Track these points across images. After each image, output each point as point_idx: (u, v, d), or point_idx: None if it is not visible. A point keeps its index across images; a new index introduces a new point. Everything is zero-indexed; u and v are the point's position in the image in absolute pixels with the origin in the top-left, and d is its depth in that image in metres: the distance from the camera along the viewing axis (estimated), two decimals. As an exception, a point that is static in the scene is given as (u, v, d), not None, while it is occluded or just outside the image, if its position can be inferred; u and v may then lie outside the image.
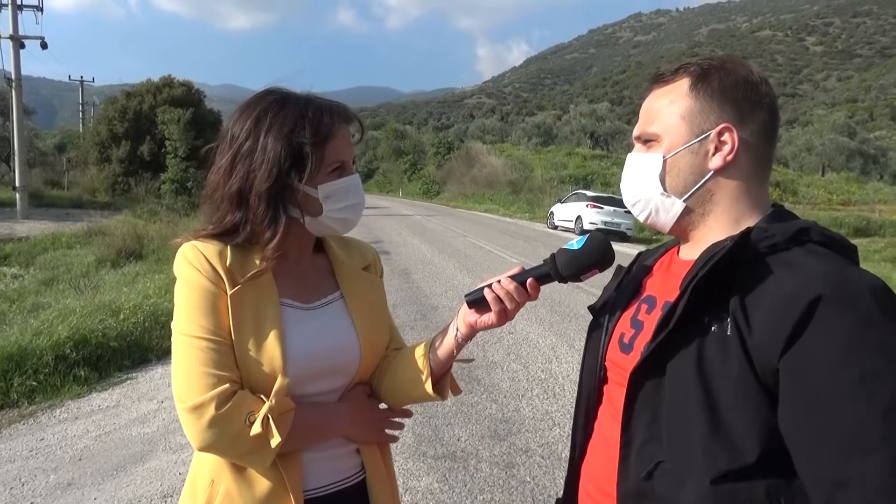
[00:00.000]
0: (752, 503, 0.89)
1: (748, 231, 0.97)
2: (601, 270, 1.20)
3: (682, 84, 1.07)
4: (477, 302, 1.24)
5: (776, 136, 1.08)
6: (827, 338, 0.85)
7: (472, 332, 1.28)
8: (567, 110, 79.11)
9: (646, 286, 1.19)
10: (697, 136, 1.05)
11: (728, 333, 0.92)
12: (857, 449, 0.82)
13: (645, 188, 1.10)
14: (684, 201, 1.07)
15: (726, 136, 1.03)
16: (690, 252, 1.11)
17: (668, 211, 1.09)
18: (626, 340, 1.13)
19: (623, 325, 1.16)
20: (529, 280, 1.21)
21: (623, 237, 20.34)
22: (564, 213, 23.17)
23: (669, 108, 1.07)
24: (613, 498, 1.04)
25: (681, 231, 1.12)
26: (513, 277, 1.22)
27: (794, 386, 0.87)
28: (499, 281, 1.22)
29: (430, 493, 3.54)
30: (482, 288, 1.23)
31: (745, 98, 1.04)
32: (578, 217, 21.63)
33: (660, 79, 1.11)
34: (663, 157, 1.07)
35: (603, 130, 59.38)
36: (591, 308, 1.31)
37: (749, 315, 0.91)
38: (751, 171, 1.06)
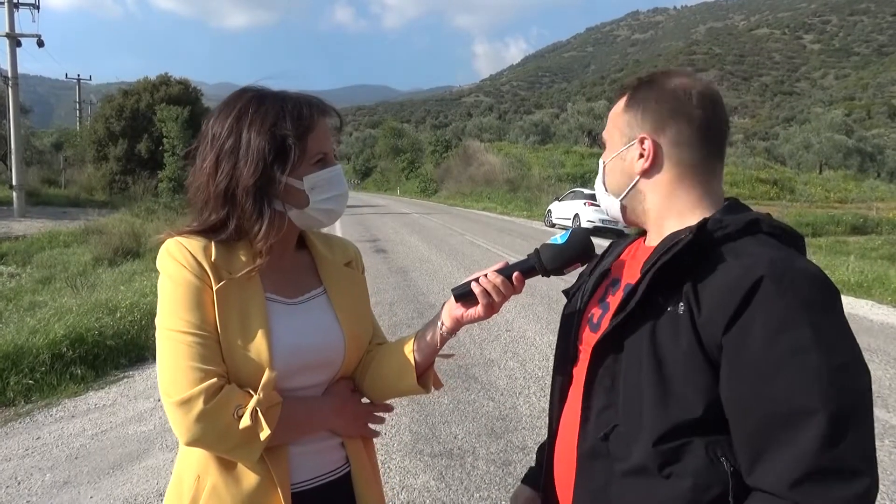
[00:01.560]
0: (692, 456, 0.99)
1: (705, 222, 1.07)
2: (583, 264, 1.27)
3: (622, 99, 1.23)
4: (464, 296, 1.27)
5: (703, 144, 1.16)
6: (764, 315, 0.95)
7: (458, 325, 1.31)
8: (565, 108, 79.10)
9: (613, 271, 1.30)
10: (625, 145, 1.20)
11: (680, 313, 1.03)
12: (783, 417, 0.92)
13: (598, 186, 1.30)
14: (620, 200, 1.23)
15: (646, 144, 1.16)
16: (651, 240, 1.23)
17: (611, 207, 1.26)
18: (594, 320, 1.23)
19: (592, 307, 1.27)
20: (515, 274, 1.25)
21: (620, 234, 20.31)
22: (562, 211, 23.17)
23: (611, 120, 1.24)
24: (572, 464, 1.15)
25: (634, 223, 1.26)
26: (499, 271, 1.25)
27: (733, 357, 0.97)
28: (486, 275, 1.26)
29: (427, 491, 3.54)
30: (469, 282, 1.27)
31: (662, 110, 1.16)
32: (576, 215, 21.63)
33: (620, 90, 1.26)
34: (603, 161, 1.26)
35: (600, 129, 58.43)
36: (565, 292, 1.41)
37: (700, 296, 1.01)
38: (676, 173, 1.16)
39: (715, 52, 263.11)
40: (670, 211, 1.17)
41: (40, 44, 24.29)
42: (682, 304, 1.03)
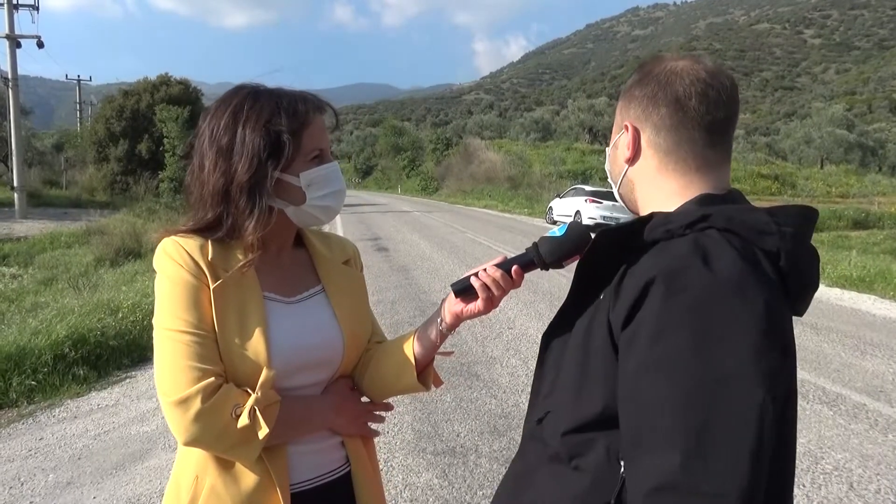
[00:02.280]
0: (594, 452, 0.98)
1: (650, 216, 1.03)
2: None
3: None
4: (464, 291, 1.27)
5: (691, 129, 1.09)
6: (648, 317, 0.89)
7: (458, 321, 1.31)
8: (565, 105, 79.02)
9: None
10: (617, 134, 1.19)
11: (606, 304, 1.01)
12: (648, 425, 0.86)
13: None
14: (617, 189, 1.22)
15: (630, 133, 1.14)
16: None
17: (616, 196, 1.25)
18: None
19: None
20: (514, 267, 1.25)
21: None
22: (563, 208, 23.17)
23: (616, 110, 1.22)
24: None
25: (635, 213, 1.21)
26: (498, 265, 1.25)
27: (622, 357, 0.93)
28: (484, 269, 1.25)
29: (430, 489, 3.54)
30: (468, 277, 1.26)
31: (645, 96, 1.12)
32: (577, 212, 21.63)
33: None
34: (606, 150, 1.25)
35: (601, 125, 59.28)
36: None
37: (619, 291, 0.97)
38: (658, 161, 1.12)
39: (715, 48, 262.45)
40: (655, 200, 1.13)
41: (40, 45, 24.30)
42: (609, 294, 1.01)
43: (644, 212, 1.14)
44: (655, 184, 1.13)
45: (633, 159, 1.15)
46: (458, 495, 3.48)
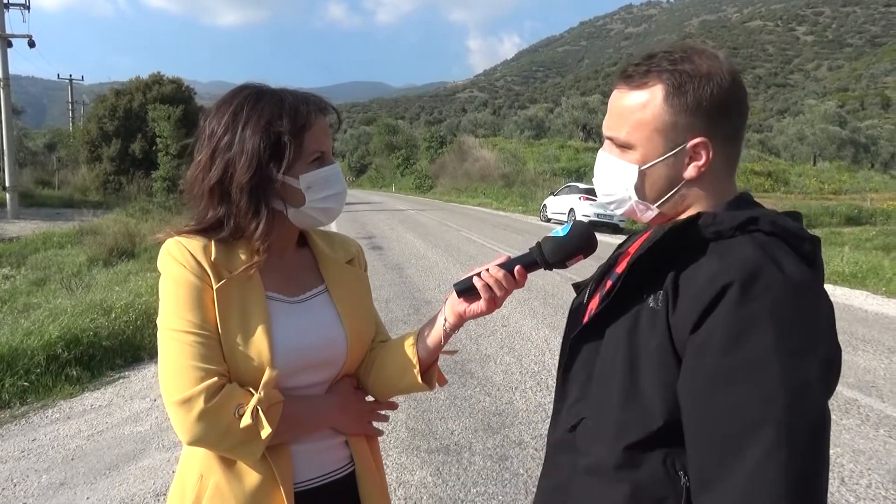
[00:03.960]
0: (649, 463, 0.95)
1: (697, 217, 1.01)
2: (585, 257, 1.24)
3: (656, 93, 1.05)
4: (466, 291, 1.26)
5: (744, 131, 1.11)
6: (727, 321, 0.89)
7: (461, 321, 1.30)
8: (559, 103, 79.02)
9: (616, 264, 1.26)
10: (672, 150, 1.05)
11: (658, 307, 0.99)
12: (731, 434, 0.85)
13: (620, 192, 1.13)
14: (658, 207, 1.10)
15: (701, 150, 1.05)
16: None
17: (642, 213, 1.13)
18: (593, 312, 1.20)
19: (595, 302, 1.23)
20: (517, 267, 1.23)
21: (616, 229, 20.38)
22: (557, 205, 23.19)
23: (642, 118, 1.06)
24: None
25: (658, 224, 1.15)
26: (500, 265, 1.24)
27: (693, 361, 0.92)
28: (487, 269, 1.24)
29: (424, 487, 3.54)
30: (471, 277, 1.26)
31: (716, 108, 1.04)
32: (571, 209, 21.64)
33: (628, 78, 1.09)
34: (639, 168, 1.08)
35: (595, 123, 59.30)
36: (575, 286, 1.37)
37: (679, 294, 0.96)
38: (721, 171, 1.08)
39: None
40: (700, 208, 1.09)
41: (31, 44, 24.15)
42: (661, 297, 0.99)
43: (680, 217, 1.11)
44: (712, 192, 1.08)
45: (699, 177, 1.06)
46: (451, 493, 3.48)
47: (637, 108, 1.06)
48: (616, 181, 1.12)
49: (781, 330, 0.87)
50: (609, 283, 1.16)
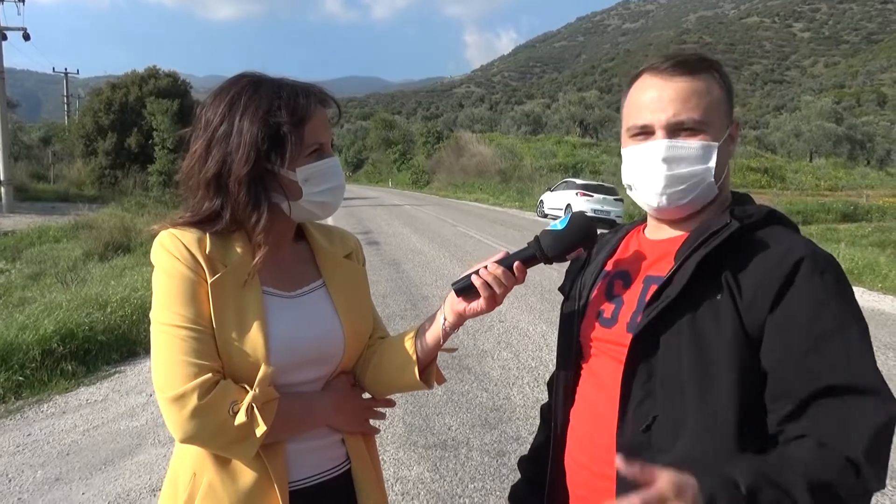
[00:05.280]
0: (736, 448, 1.01)
1: (733, 211, 1.12)
2: (586, 249, 1.23)
3: (712, 80, 1.18)
4: (465, 289, 1.24)
5: None
6: (808, 291, 1.03)
7: (460, 319, 1.28)
8: (556, 98, 79.05)
9: (613, 265, 1.28)
10: (727, 130, 1.18)
11: (719, 299, 1.06)
12: (836, 385, 0.99)
13: (697, 174, 1.15)
14: (718, 186, 1.18)
15: (736, 131, 1.22)
16: (661, 233, 1.23)
17: (706, 194, 1.17)
18: (606, 315, 1.21)
19: (598, 303, 1.24)
20: (516, 263, 1.22)
21: (612, 225, 20.37)
22: (554, 201, 23.17)
23: (712, 100, 1.16)
24: (607, 462, 1.12)
25: (691, 212, 1.20)
26: (499, 262, 1.22)
27: (781, 330, 1.03)
28: (485, 267, 1.22)
29: (422, 482, 3.54)
30: (469, 275, 1.23)
31: (730, 92, 1.22)
32: (568, 205, 21.64)
33: (688, 68, 1.17)
34: (718, 145, 1.16)
35: (592, 118, 59.37)
36: (561, 289, 1.39)
37: (740, 282, 1.06)
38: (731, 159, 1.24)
39: (705, 42, 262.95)
40: (724, 199, 1.21)
41: (26, 37, 24.06)
42: (720, 292, 1.06)
43: (706, 210, 1.20)
44: (728, 180, 1.23)
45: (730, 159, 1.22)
46: (449, 488, 3.48)
47: (705, 91, 1.16)
48: (695, 162, 1.15)
49: (849, 295, 1.06)
50: (638, 285, 1.20)
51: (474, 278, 1.22)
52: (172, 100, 26.73)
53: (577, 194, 21.63)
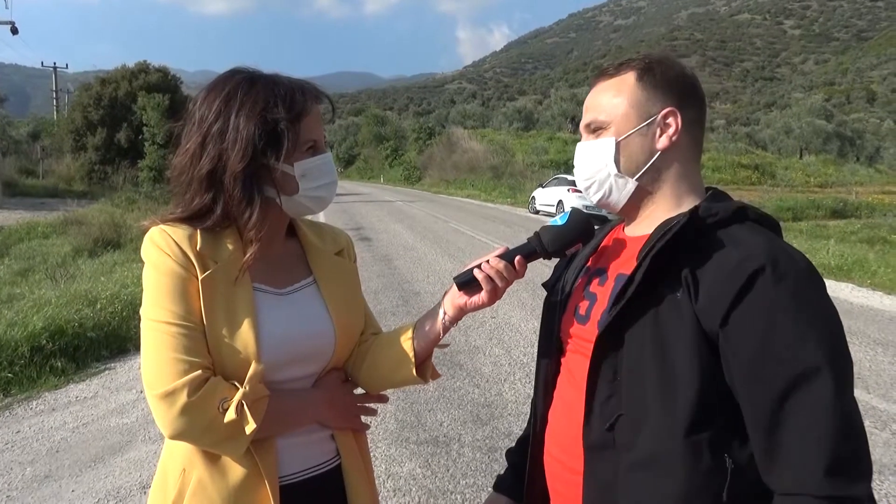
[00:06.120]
0: (696, 448, 1.00)
1: (696, 209, 1.09)
2: (584, 244, 1.27)
3: (628, 77, 1.18)
4: (467, 283, 1.25)
5: (705, 125, 1.24)
6: (763, 303, 0.99)
7: (461, 314, 1.29)
8: (548, 95, 79.13)
9: (593, 261, 1.30)
10: (645, 121, 1.16)
11: (679, 297, 1.05)
12: (793, 386, 0.96)
13: (599, 170, 1.20)
14: (636, 180, 1.18)
15: (671, 119, 1.16)
16: (637, 229, 1.23)
17: (621, 190, 1.20)
18: (581, 312, 1.23)
19: (577, 299, 1.26)
20: (517, 258, 1.24)
21: (603, 220, 20.31)
22: (546, 197, 23.20)
23: (617, 98, 1.18)
24: (576, 456, 1.14)
25: (631, 210, 1.23)
26: (500, 256, 1.25)
27: (737, 343, 1.00)
28: (487, 261, 1.25)
29: (413, 479, 3.54)
30: (471, 269, 1.25)
31: (683, 88, 1.18)
32: (560, 202, 21.65)
33: (604, 73, 1.23)
34: (616, 140, 1.18)
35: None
36: (545, 285, 1.41)
37: (698, 282, 1.04)
38: (690, 152, 1.19)
39: (697, 38, 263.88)
40: (673, 193, 1.18)
41: (14, 31, 23.88)
42: (681, 289, 1.05)
43: (649, 208, 1.21)
44: (684, 175, 1.19)
45: (670, 148, 1.17)
46: (441, 484, 3.48)
47: (612, 91, 1.19)
48: (596, 160, 1.20)
49: (809, 305, 1.00)
50: (610, 283, 1.19)
51: (477, 272, 1.24)
52: (163, 95, 26.56)
53: (568, 190, 21.63)
